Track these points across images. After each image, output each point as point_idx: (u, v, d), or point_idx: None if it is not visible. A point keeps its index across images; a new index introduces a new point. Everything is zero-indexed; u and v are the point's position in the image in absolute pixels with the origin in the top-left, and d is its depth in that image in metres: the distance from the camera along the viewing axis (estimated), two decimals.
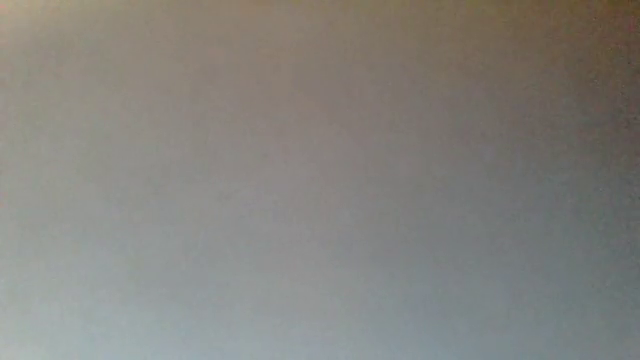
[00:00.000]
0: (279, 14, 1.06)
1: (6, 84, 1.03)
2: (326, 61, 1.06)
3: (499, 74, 1.06)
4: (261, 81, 1.05)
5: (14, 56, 1.04)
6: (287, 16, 1.06)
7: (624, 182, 1.05)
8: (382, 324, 1.01)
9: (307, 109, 1.05)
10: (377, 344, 1.01)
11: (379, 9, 1.07)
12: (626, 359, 1.02)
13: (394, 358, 1.01)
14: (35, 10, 1.05)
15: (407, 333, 1.01)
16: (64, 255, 1.00)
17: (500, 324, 1.02)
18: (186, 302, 1.00)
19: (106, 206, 1.01)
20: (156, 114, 1.04)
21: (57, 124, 1.03)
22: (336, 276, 1.02)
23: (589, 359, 1.01)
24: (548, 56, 1.07)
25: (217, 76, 1.05)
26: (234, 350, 1.00)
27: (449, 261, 1.02)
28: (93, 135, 1.03)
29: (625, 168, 1.05)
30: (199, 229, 1.02)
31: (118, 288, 1.00)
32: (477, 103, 1.05)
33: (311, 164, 1.03)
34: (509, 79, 1.06)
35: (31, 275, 1.00)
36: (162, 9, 1.06)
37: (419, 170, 1.04)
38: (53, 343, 0.99)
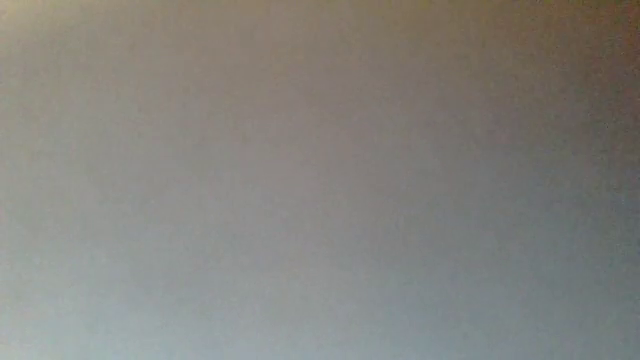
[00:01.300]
0: (280, 14, 1.06)
1: (5, 82, 1.03)
2: (329, 62, 1.06)
3: (500, 76, 1.07)
4: (264, 81, 1.05)
5: (12, 53, 1.03)
6: (287, 16, 1.06)
7: (635, 186, 1.05)
8: (391, 328, 1.01)
9: (311, 110, 1.05)
10: (386, 348, 1.01)
11: (377, 8, 1.07)
12: None
13: None
14: (34, 7, 1.04)
15: (416, 338, 1.01)
16: (65, 255, 1.00)
17: (511, 329, 1.02)
18: (190, 304, 1.00)
19: (108, 205, 1.01)
20: (156, 112, 1.03)
21: (57, 122, 1.02)
22: (344, 279, 1.02)
23: None
24: (549, 56, 1.07)
25: (218, 76, 1.04)
26: (239, 353, 1.00)
27: (460, 265, 1.02)
28: (93, 133, 1.02)
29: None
30: (204, 229, 1.01)
31: (121, 289, 0.99)
32: (480, 102, 1.06)
33: (319, 165, 1.03)
34: (512, 80, 1.07)
35: (32, 276, 0.99)
36: (161, 7, 1.05)
37: (428, 173, 1.04)
38: (54, 344, 0.98)
